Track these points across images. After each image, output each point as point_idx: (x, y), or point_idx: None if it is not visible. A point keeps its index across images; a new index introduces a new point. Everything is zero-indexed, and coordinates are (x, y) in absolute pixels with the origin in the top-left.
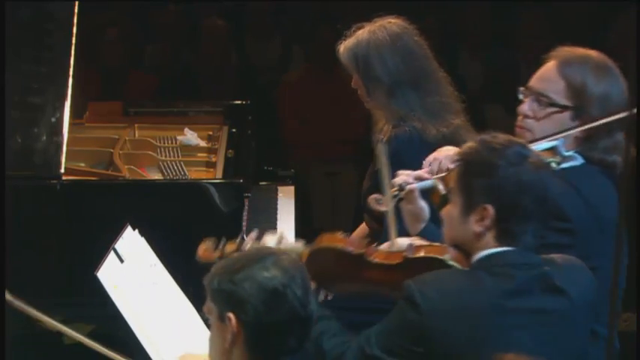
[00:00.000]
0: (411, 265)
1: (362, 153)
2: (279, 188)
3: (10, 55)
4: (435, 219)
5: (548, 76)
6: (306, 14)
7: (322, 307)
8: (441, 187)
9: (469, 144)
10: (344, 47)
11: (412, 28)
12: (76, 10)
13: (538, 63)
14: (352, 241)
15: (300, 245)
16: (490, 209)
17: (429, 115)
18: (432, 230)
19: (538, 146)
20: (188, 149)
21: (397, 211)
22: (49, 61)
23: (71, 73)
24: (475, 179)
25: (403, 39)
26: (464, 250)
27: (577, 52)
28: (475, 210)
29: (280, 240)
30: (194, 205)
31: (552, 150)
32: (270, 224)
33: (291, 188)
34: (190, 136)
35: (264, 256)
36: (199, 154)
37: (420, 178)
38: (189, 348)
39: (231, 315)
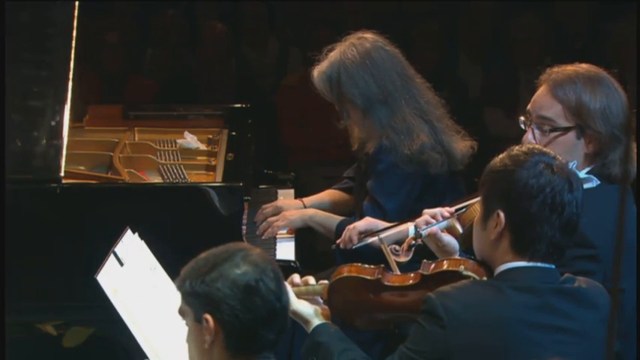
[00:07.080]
0: (428, 282)
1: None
2: (279, 191)
3: (10, 58)
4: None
5: (543, 102)
6: (305, 17)
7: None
8: (458, 225)
9: (500, 155)
10: (317, 72)
11: (383, 40)
12: (76, 14)
13: (535, 65)
14: (368, 269)
15: (319, 284)
16: (502, 214)
17: (399, 133)
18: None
19: None
20: (188, 153)
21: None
22: (49, 65)
23: (71, 76)
24: (491, 186)
25: (372, 55)
26: (487, 265)
27: (565, 72)
28: (491, 217)
29: (304, 282)
30: (194, 209)
31: None
32: None
33: (291, 191)
34: (190, 140)
35: (233, 252)
36: (199, 158)
37: (435, 218)
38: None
39: (207, 316)
